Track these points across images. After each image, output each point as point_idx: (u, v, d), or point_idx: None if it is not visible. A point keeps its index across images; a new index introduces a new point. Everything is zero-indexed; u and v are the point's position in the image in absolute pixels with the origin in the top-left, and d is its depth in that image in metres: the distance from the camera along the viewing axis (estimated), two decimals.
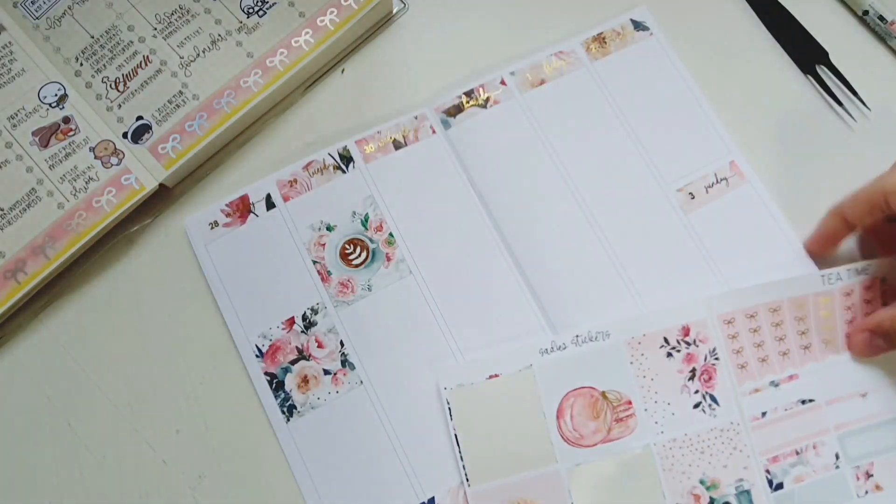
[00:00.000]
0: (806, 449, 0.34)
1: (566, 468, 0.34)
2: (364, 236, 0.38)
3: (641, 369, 0.35)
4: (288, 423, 0.35)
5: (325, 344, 0.36)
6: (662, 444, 0.34)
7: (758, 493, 0.33)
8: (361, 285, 0.37)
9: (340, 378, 0.36)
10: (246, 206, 0.38)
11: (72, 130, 0.38)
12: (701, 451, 0.34)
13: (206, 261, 0.38)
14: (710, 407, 0.34)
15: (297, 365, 0.36)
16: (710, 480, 0.33)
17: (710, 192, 0.38)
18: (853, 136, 0.41)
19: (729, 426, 0.34)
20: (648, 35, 0.41)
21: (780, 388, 0.35)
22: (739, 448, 0.34)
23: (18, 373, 0.37)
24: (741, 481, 0.33)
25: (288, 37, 0.40)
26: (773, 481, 0.34)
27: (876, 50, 0.43)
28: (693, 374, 0.35)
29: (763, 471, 0.34)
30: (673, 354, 0.35)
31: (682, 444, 0.34)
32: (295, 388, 0.36)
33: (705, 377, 0.35)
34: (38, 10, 0.40)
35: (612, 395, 0.34)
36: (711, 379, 0.35)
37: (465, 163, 0.39)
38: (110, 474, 0.35)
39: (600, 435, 0.34)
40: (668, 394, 0.34)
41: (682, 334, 0.35)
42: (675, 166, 0.39)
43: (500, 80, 0.40)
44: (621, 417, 0.34)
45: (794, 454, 0.34)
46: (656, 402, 0.34)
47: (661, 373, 0.35)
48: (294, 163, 0.39)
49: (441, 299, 0.37)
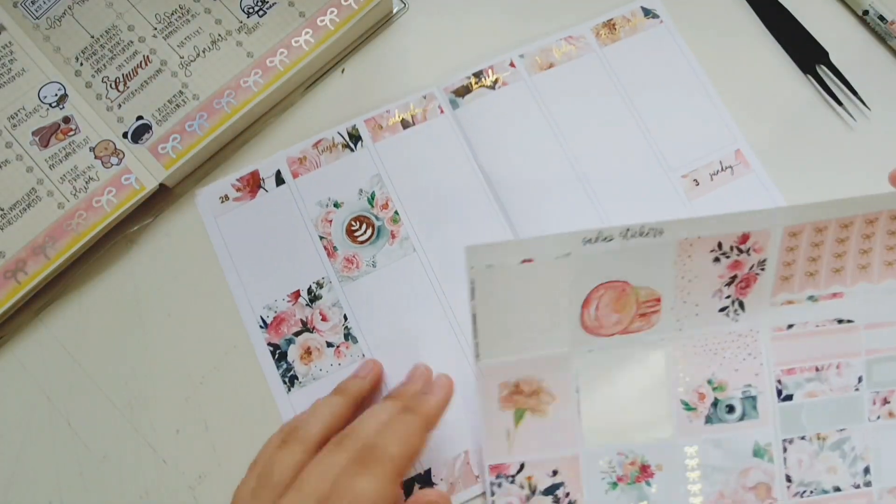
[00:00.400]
0: (828, 367, 0.34)
1: (578, 353, 0.33)
2: (370, 213, 0.38)
3: (683, 270, 0.33)
4: (289, 392, 0.36)
5: (329, 317, 0.37)
6: (677, 340, 0.34)
7: (764, 401, 0.33)
8: (366, 261, 0.37)
9: (343, 351, 0.36)
10: (256, 181, 0.39)
11: (72, 130, 0.38)
12: (714, 353, 0.33)
13: (215, 233, 0.38)
14: (735, 312, 0.34)
15: (301, 337, 0.37)
16: (717, 381, 0.33)
17: (715, 180, 0.39)
18: (853, 136, 0.41)
19: (748, 332, 0.34)
20: (658, 22, 0.42)
21: (819, 303, 0.34)
22: (754, 355, 0.34)
23: (18, 373, 0.37)
24: (749, 387, 0.33)
25: (288, 37, 0.40)
26: (783, 391, 0.34)
27: (876, 50, 0.43)
28: (733, 280, 0.33)
29: (774, 380, 0.33)
30: (720, 259, 0.33)
31: (697, 343, 0.34)
32: (297, 359, 0.36)
33: (742, 284, 0.34)
34: (38, 10, 0.40)
35: (643, 292, 0.33)
36: (748, 287, 0.33)
37: (471, 143, 0.39)
38: (110, 474, 0.35)
39: (620, 326, 0.33)
40: (700, 296, 0.33)
41: (739, 241, 0.33)
42: (681, 153, 0.39)
43: (510, 62, 0.41)
44: (646, 313, 0.33)
45: (814, 370, 0.34)
46: (685, 302, 0.33)
47: (702, 275, 0.33)
48: (303, 141, 0.39)
49: (444, 277, 0.37)
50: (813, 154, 0.40)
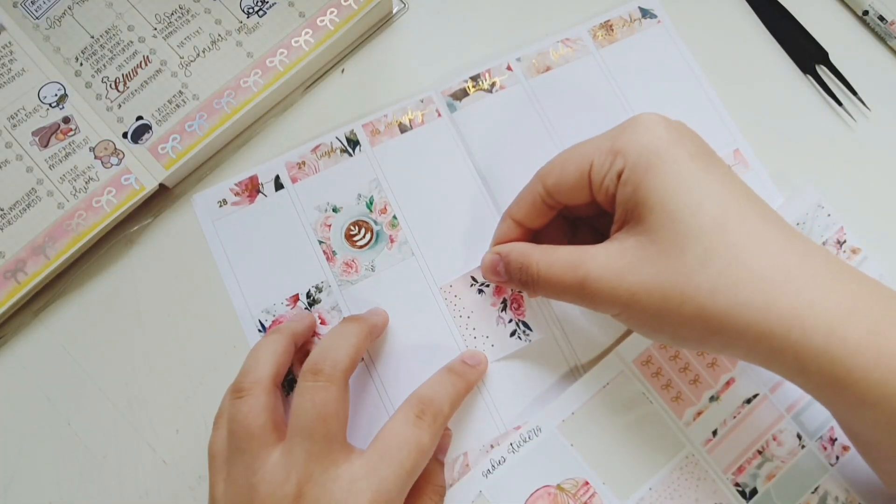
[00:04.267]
0: (767, 444, 0.34)
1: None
2: (369, 218, 0.38)
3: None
4: (288, 395, 0.36)
5: (328, 321, 0.37)
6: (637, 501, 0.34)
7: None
8: (365, 266, 0.37)
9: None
10: (255, 185, 0.39)
11: (72, 130, 0.38)
12: (670, 497, 0.33)
13: (212, 237, 0.38)
14: (524, 333, 0.35)
15: None
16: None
17: None
18: (853, 136, 0.41)
19: (685, 462, 0.34)
20: (656, 23, 0.42)
21: (721, 399, 0.35)
22: (702, 477, 0.34)
23: (18, 373, 0.37)
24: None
25: (288, 37, 0.40)
26: (746, 490, 0.34)
27: (876, 50, 0.43)
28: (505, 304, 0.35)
29: (732, 486, 0.34)
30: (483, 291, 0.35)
31: (655, 494, 0.34)
32: (297, 362, 0.36)
33: (515, 305, 0.36)
34: (38, 10, 0.40)
35: (567, 485, 0.34)
36: (521, 306, 0.35)
37: (469, 146, 0.39)
38: (110, 474, 0.35)
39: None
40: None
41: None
42: None
43: (507, 65, 0.41)
44: (586, 501, 0.33)
45: (758, 454, 0.34)
46: (475, 337, 0.35)
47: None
48: (302, 145, 0.39)
49: (442, 280, 0.37)
50: (813, 154, 0.40)
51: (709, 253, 0.26)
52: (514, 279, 0.32)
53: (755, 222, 0.26)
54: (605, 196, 0.29)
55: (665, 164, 0.27)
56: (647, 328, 0.29)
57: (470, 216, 0.38)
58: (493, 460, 0.34)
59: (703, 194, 0.26)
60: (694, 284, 0.26)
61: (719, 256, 0.25)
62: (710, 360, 0.35)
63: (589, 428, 0.34)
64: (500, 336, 0.36)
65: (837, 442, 0.34)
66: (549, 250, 0.30)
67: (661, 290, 0.26)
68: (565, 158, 0.30)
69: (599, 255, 0.28)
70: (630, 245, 0.27)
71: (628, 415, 0.34)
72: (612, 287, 0.27)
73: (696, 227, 0.26)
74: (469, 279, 0.36)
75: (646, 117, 0.29)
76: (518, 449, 0.34)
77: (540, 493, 0.33)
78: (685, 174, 0.27)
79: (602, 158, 0.28)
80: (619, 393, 0.35)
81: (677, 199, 0.26)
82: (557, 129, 0.40)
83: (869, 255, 0.38)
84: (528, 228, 0.33)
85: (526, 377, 0.36)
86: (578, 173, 0.29)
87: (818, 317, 0.24)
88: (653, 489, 0.33)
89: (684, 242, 0.26)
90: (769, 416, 0.35)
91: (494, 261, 0.33)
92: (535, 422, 0.34)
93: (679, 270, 0.26)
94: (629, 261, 0.27)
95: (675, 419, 0.34)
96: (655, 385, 0.35)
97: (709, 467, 0.34)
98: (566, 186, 0.30)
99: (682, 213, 0.26)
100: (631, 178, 0.27)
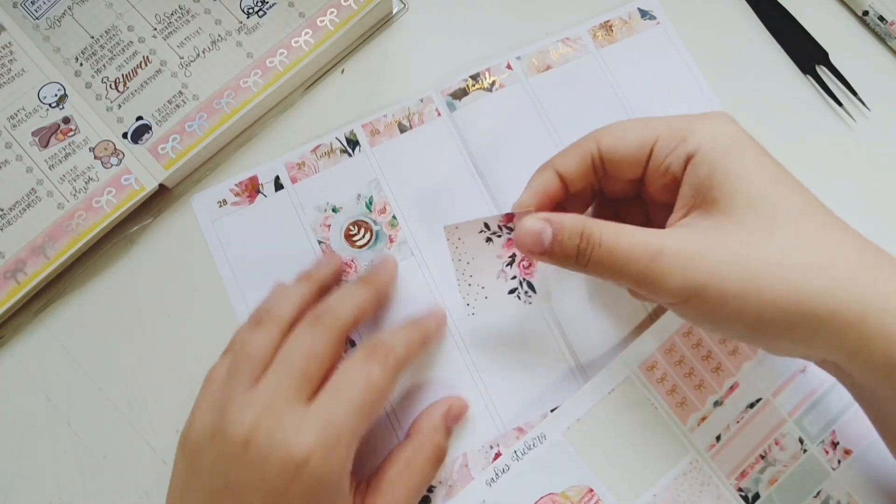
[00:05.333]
0: (770, 449, 0.34)
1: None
2: (368, 218, 0.38)
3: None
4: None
5: None
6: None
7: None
8: (365, 265, 0.37)
9: (342, 355, 0.36)
10: (254, 186, 0.39)
11: (72, 130, 0.38)
12: (674, 500, 0.33)
13: (212, 237, 0.38)
14: (526, 293, 0.34)
15: None
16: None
17: None
18: (853, 136, 0.41)
19: (689, 467, 0.34)
20: (655, 24, 0.42)
21: (725, 404, 0.35)
22: (706, 482, 0.34)
23: (18, 373, 0.37)
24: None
25: (288, 37, 0.40)
26: (749, 494, 0.34)
27: (876, 50, 0.43)
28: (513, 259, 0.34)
29: (735, 490, 0.34)
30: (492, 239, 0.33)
31: (660, 500, 0.33)
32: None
33: (525, 263, 0.33)
34: (38, 10, 0.40)
35: (571, 493, 0.33)
36: (531, 266, 0.33)
37: (469, 146, 0.39)
38: (110, 474, 0.35)
39: None
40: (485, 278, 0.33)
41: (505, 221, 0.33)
42: None
43: (506, 64, 0.41)
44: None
45: (760, 459, 0.34)
46: (470, 284, 0.33)
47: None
48: (302, 146, 0.39)
49: (442, 280, 0.37)
50: (813, 154, 0.40)
51: (801, 237, 0.26)
52: (567, 249, 0.28)
53: (834, 216, 0.27)
54: (663, 175, 0.28)
55: (745, 151, 0.27)
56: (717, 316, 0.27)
57: (469, 215, 0.38)
58: (497, 469, 0.34)
59: (785, 184, 0.27)
60: (786, 265, 0.25)
61: (811, 241, 0.26)
62: (714, 365, 0.35)
63: (594, 435, 0.34)
64: (498, 290, 0.33)
65: (839, 446, 0.34)
66: (612, 224, 0.28)
67: (750, 271, 0.25)
68: (628, 127, 0.29)
69: (673, 234, 0.27)
70: (707, 226, 0.26)
71: (633, 421, 0.34)
72: (687, 267, 0.26)
73: (784, 211, 0.26)
74: (481, 224, 0.32)
75: (718, 113, 0.29)
76: (522, 457, 0.34)
77: (544, 500, 0.33)
78: (765, 163, 0.27)
79: (671, 135, 0.28)
80: (624, 399, 0.35)
81: (763, 183, 0.26)
82: (557, 128, 0.40)
83: None
84: (569, 186, 0.31)
85: (524, 377, 0.36)
86: (639, 144, 0.29)
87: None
88: (657, 496, 0.33)
89: (772, 225, 0.26)
90: (772, 421, 0.35)
91: (539, 228, 0.28)
92: (540, 429, 0.34)
93: (769, 253, 0.25)
94: (710, 241, 0.26)
95: (680, 425, 0.34)
96: (660, 391, 0.35)
97: (712, 473, 0.34)
98: (621, 154, 0.29)
99: (768, 197, 0.26)
100: (707, 160, 0.27)
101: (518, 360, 0.36)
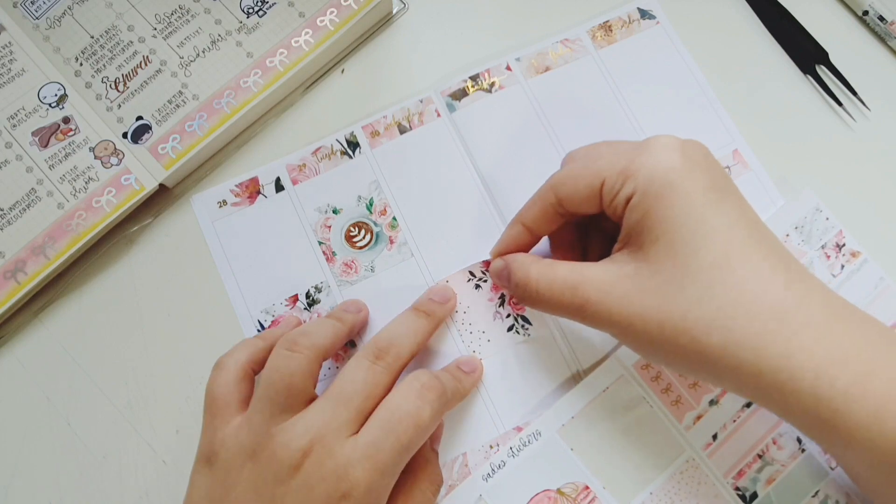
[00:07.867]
0: (767, 448, 0.34)
1: None
2: (368, 220, 0.38)
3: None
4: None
5: None
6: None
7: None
8: (365, 266, 0.37)
9: (342, 355, 0.36)
10: (255, 187, 0.39)
11: (72, 130, 0.38)
12: (671, 501, 0.33)
13: (212, 238, 0.38)
14: (523, 327, 0.35)
15: None
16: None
17: None
18: (853, 136, 0.41)
19: (685, 466, 0.34)
20: (655, 23, 0.42)
21: (721, 403, 0.35)
22: (702, 481, 0.34)
23: (18, 373, 0.37)
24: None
25: (288, 37, 0.40)
26: (746, 494, 0.34)
27: (876, 50, 0.43)
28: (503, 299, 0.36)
29: (732, 490, 0.34)
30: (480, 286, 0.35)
31: (656, 498, 0.34)
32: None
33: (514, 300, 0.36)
34: (38, 10, 0.40)
35: (567, 489, 0.34)
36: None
37: (468, 147, 0.39)
38: (110, 474, 0.35)
39: None
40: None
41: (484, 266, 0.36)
42: None
43: (506, 65, 0.41)
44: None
45: (758, 458, 0.34)
46: (471, 332, 0.35)
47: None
48: (303, 148, 0.40)
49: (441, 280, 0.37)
50: (812, 154, 0.40)
51: (708, 291, 0.26)
52: (514, 292, 0.32)
53: (758, 263, 0.27)
54: (614, 214, 0.29)
55: (675, 195, 0.27)
56: (642, 352, 0.30)
57: (469, 216, 0.38)
58: (493, 464, 0.34)
59: (709, 230, 0.27)
60: (691, 319, 0.26)
61: (718, 295, 0.26)
62: None
63: (589, 432, 0.34)
64: (498, 331, 0.36)
65: None
66: (548, 267, 0.30)
67: (658, 321, 0.27)
68: (578, 174, 0.30)
69: (599, 278, 0.29)
70: (630, 272, 0.28)
71: (628, 419, 0.34)
72: (610, 314, 0.28)
73: (698, 265, 0.26)
74: (467, 274, 0.36)
75: (662, 141, 0.29)
76: (518, 453, 0.34)
77: (540, 497, 0.33)
78: (694, 208, 0.27)
79: (614, 179, 0.29)
80: (618, 397, 0.35)
81: (683, 234, 0.27)
82: (556, 129, 0.40)
83: (869, 258, 0.38)
84: (538, 234, 0.33)
85: (525, 377, 0.36)
86: (589, 190, 0.30)
87: (808, 360, 0.25)
88: (653, 493, 0.33)
89: (685, 279, 0.26)
90: (769, 420, 0.35)
91: (500, 268, 0.33)
92: (535, 426, 0.34)
93: (678, 305, 0.27)
94: (628, 289, 0.28)
95: (676, 423, 0.34)
96: (655, 389, 0.35)
97: (709, 471, 0.34)
98: (577, 200, 0.30)
99: (685, 249, 0.27)
100: (640, 204, 0.28)
101: (518, 361, 0.36)
